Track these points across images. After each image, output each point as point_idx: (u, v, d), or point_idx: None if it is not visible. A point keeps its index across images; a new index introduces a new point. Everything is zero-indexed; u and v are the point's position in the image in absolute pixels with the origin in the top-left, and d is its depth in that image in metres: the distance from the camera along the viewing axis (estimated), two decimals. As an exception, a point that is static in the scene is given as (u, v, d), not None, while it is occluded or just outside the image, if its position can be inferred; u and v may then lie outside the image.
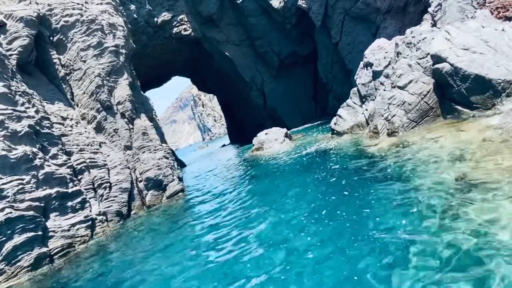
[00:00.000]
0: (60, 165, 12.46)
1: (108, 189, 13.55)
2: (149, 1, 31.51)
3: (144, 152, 15.09)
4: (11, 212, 10.08)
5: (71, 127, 14.08)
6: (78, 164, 13.22)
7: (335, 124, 16.01)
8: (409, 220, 5.03)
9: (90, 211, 12.54)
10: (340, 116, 15.76)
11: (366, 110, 13.97)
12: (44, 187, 11.48)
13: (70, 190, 12.17)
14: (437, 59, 10.12)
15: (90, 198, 12.94)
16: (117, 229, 12.65)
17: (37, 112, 12.47)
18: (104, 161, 14.12)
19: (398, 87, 11.37)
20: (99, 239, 11.87)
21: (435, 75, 10.35)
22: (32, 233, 10.46)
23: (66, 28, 15.11)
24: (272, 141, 21.72)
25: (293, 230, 6.23)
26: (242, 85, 36.29)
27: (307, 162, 12.81)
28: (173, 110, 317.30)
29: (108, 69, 15.57)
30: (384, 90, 12.33)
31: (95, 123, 14.98)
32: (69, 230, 11.59)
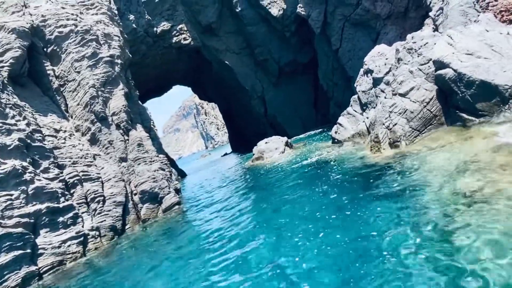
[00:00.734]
0: (52, 179, 12.09)
1: (101, 203, 13.14)
2: (148, 11, 31.45)
3: (139, 164, 14.70)
4: (-3, 230, 9.68)
5: (64, 139, 13.74)
6: (71, 178, 12.84)
7: (335, 132, 15.57)
8: (415, 243, 4.56)
9: (83, 226, 12.12)
10: (340, 125, 15.32)
11: (367, 118, 13.53)
12: (34, 203, 11.09)
13: (62, 205, 11.77)
14: (439, 64, 9.69)
15: (82, 212, 12.52)
16: (111, 245, 12.21)
17: (28, 124, 12.15)
18: (98, 174, 13.73)
19: (399, 94, 10.94)
20: (92, 256, 11.42)
21: (437, 81, 9.92)
22: (20, 251, 10.04)
23: (60, 39, 14.88)
24: (272, 150, 21.30)
25: (289, 254, 5.75)
26: (242, 94, 36.02)
27: (307, 174, 12.36)
28: (176, 118, 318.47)
29: (103, 80, 15.28)
30: (385, 97, 11.90)
31: (89, 135, 14.65)
32: (59, 247, 11.17)
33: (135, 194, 14.11)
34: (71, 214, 11.89)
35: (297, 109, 34.97)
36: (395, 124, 10.61)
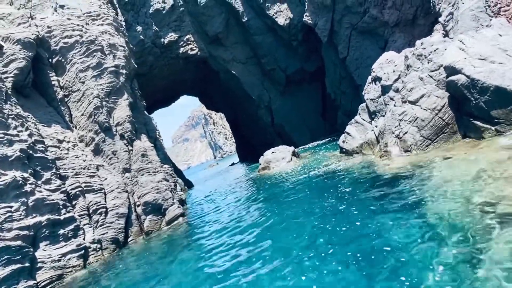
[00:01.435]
0: (53, 190, 11.90)
1: (104, 214, 12.89)
2: (155, 22, 31.73)
3: (143, 174, 14.46)
4: (-6, 243, 9.45)
5: (68, 150, 13.60)
6: (73, 189, 12.64)
7: (343, 142, 15.14)
8: (439, 258, 4.13)
9: (84, 239, 11.85)
10: (348, 134, 14.90)
11: (376, 127, 13.10)
12: (34, 215, 10.88)
13: (63, 217, 11.54)
14: (451, 70, 9.29)
15: (84, 225, 12.27)
16: (112, 258, 11.89)
17: (31, 135, 12.04)
18: (101, 185, 13.52)
19: (409, 102, 10.52)
20: (92, 269, 11.11)
21: (449, 88, 9.50)
22: (18, 265, 9.79)
23: (65, 49, 14.89)
24: (279, 160, 20.92)
25: (296, 276, 5.31)
26: (249, 103, 35.86)
27: (315, 185, 11.93)
28: (185, 128, 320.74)
29: (108, 90, 15.19)
30: (394, 105, 11.49)
31: (93, 145, 14.50)
32: (59, 260, 10.89)
33: (138, 206, 13.84)
34: (72, 226, 11.64)
35: (305, 118, 34.62)
36: (406, 133, 10.18)
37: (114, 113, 15.24)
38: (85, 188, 12.98)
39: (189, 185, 34.17)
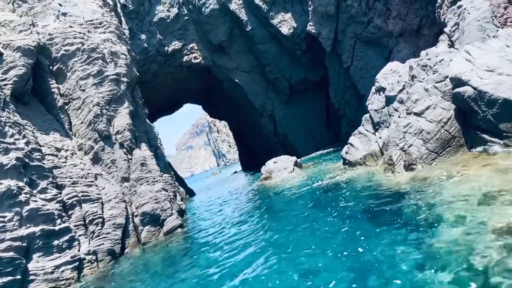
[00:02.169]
0: (49, 200, 11.66)
1: (100, 225, 12.61)
2: (160, 30, 31.85)
3: (142, 184, 14.21)
4: (-16, 255, 9.20)
5: (66, 158, 13.41)
6: (69, 199, 12.40)
7: (346, 153, 14.81)
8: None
9: (79, 250, 11.55)
10: (351, 145, 14.58)
11: (380, 138, 12.78)
12: (28, 225, 10.62)
13: (57, 228, 11.27)
14: (457, 82, 8.99)
15: (79, 235, 11.99)
16: (107, 270, 11.57)
17: (28, 143, 11.86)
18: (98, 194, 13.27)
19: (414, 113, 10.22)
20: (86, 281, 10.79)
21: (455, 100, 9.19)
22: (9, 278, 9.51)
23: (66, 57, 14.82)
24: (281, 170, 20.60)
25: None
26: (253, 112, 35.68)
27: (316, 198, 11.60)
28: (189, 136, 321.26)
29: (108, 98, 15.06)
30: (399, 117, 11.18)
31: (92, 154, 14.30)
32: (53, 272, 10.59)
33: (136, 216, 13.56)
34: (67, 237, 11.36)
35: (308, 127, 34.33)
36: (410, 146, 9.85)
37: (114, 121, 15.07)
38: (82, 198, 12.73)
39: (190, 193, 33.88)
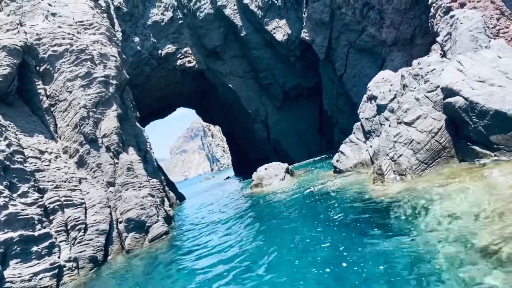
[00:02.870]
0: (29, 204, 11.26)
1: (82, 231, 12.22)
2: (153, 33, 31.61)
3: (127, 189, 13.85)
4: (-44, 262, 8.79)
5: (49, 161, 13.02)
6: (51, 203, 12.00)
7: (337, 161, 14.63)
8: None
9: (59, 257, 11.14)
10: (342, 153, 14.41)
11: (371, 147, 12.62)
12: (6, 230, 10.21)
13: (37, 233, 10.87)
14: (448, 92, 8.87)
15: (60, 241, 11.57)
16: (89, 278, 11.17)
17: (9, 145, 11.49)
18: (82, 199, 12.89)
19: (404, 123, 10.07)
20: (65, 290, 10.41)
21: (447, 110, 9.07)
22: (-17, 285, 9.12)
23: (53, 57, 14.49)
24: (272, 177, 20.33)
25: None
26: (246, 117, 35.49)
27: (306, 207, 11.38)
28: (184, 140, 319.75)
29: (96, 100, 14.73)
30: (390, 126, 11.04)
31: (77, 157, 13.93)
32: (30, 280, 10.17)
33: (120, 222, 13.18)
34: (46, 244, 10.95)
35: (301, 134, 34.20)
36: (400, 155, 9.69)
37: (101, 124, 14.73)
38: (64, 202, 12.34)
39: (181, 198, 33.44)
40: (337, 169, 14.57)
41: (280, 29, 29.47)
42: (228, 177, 53.28)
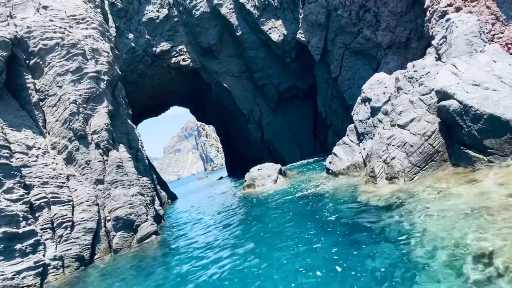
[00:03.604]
0: (14, 200, 10.98)
1: (69, 229, 11.95)
2: (148, 31, 31.32)
3: (116, 187, 13.60)
4: None
5: (37, 157, 12.73)
6: (37, 200, 11.72)
7: (330, 163, 14.54)
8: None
9: (44, 255, 10.87)
10: (335, 155, 14.31)
11: (364, 149, 12.54)
12: (-11, 227, 9.95)
13: (21, 230, 10.59)
14: (442, 95, 8.80)
15: (46, 239, 11.30)
16: (74, 277, 10.91)
17: (-5, 140, 11.19)
18: (70, 196, 12.61)
19: (398, 125, 9.99)
20: (49, 289, 10.15)
21: (440, 113, 9.00)
22: (-37, 284, 8.84)
23: (44, 51, 14.19)
24: (264, 178, 20.19)
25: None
26: (240, 117, 35.30)
27: (298, 209, 11.24)
28: (178, 139, 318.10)
29: (86, 96, 14.46)
30: (383, 128, 10.96)
31: (65, 154, 13.65)
32: (12, 278, 9.90)
33: (108, 221, 12.92)
34: (31, 241, 10.67)
35: (295, 135, 34.10)
36: (393, 158, 9.60)
37: (92, 120, 14.46)
38: (51, 199, 12.06)
39: (172, 197, 33.13)
40: (330, 171, 14.47)
41: (276, 30, 29.36)
42: (221, 177, 53.01)
